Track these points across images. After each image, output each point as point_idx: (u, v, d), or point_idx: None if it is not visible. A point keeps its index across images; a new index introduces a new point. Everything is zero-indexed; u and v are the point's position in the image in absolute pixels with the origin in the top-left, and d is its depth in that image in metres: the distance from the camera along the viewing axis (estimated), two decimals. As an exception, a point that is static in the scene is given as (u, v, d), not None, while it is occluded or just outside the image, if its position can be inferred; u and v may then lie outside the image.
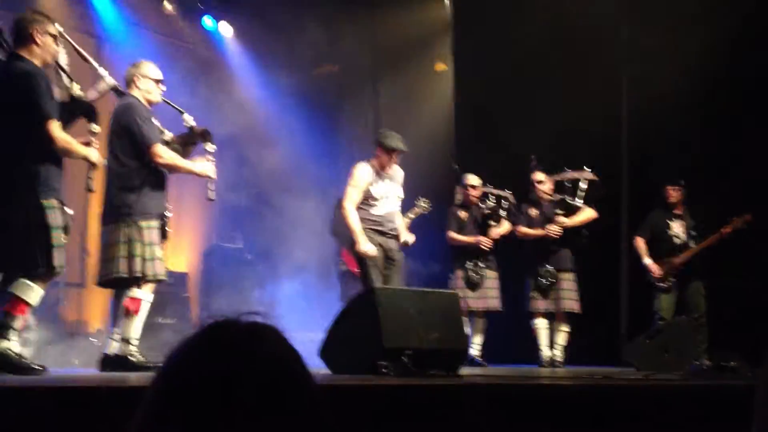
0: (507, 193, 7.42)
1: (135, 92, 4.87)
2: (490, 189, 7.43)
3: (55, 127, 4.07)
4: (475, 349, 7.12)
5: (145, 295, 4.75)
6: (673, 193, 7.12)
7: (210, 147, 5.04)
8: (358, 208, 6.02)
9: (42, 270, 4.03)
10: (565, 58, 7.90)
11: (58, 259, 4.06)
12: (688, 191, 7.14)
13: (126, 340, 4.68)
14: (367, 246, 5.87)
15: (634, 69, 7.94)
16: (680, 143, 7.55)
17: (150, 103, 4.92)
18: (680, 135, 7.57)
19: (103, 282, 4.79)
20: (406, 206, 7.07)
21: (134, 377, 4.16)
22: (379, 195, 6.06)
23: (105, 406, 2.32)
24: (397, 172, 6.23)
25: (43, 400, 2.46)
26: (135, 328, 4.72)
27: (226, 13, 9.13)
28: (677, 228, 7.09)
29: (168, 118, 5.18)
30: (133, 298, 4.70)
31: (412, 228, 6.79)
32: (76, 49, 4.53)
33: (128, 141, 4.67)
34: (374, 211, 6.04)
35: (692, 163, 7.36)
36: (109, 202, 4.76)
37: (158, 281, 4.82)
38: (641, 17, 7.88)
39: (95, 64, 4.72)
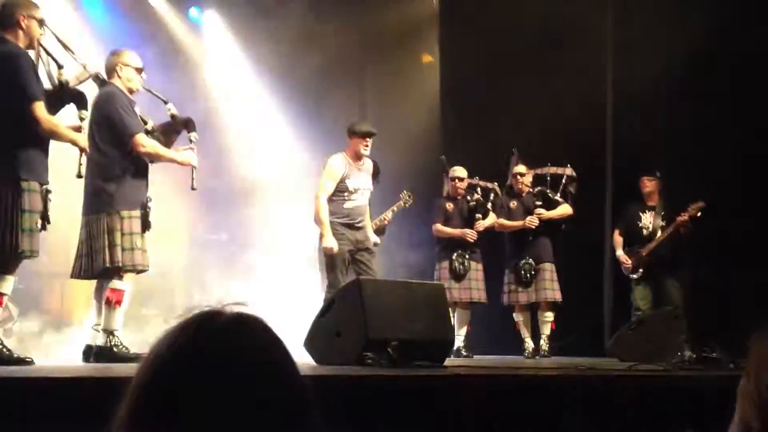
0: (494, 185, 7.46)
1: (116, 81, 4.82)
2: (477, 181, 7.46)
3: (41, 108, 4.04)
4: (459, 341, 7.14)
5: (125, 285, 4.71)
6: (648, 184, 7.22)
7: (193, 136, 5.02)
8: (330, 200, 6.02)
9: (7, 255, 3.96)
10: (551, 52, 7.91)
11: (28, 243, 4.00)
12: (664, 183, 7.21)
13: (109, 332, 4.65)
14: (331, 242, 5.88)
15: (620, 63, 7.96)
16: (666, 137, 7.60)
17: (131, 91, 4.88)
18: (666, 129, 7.61)
19: (82, 276, 4.74)
20: (390, 199, 7.08)
21: (119, 368, 4.14)
22: (353, 188, 6.07)
23: (91, 397, 2.32)
24: (367, 164, 6.25)
25: (30, 392, 2.45)
26: (117, 319, 4.69)
27: (211, 2, 9.08)
28: (647, 219, 7.19)
29: (151, 106, 5.15)
30: (114, 289, 4.66)
31: (397, 219, 6.81)
32: (56, 36, 4.49)
33: (109, 130, 4.63)
34: (347, 204, 6.06)
35: (677, 158, 7.41)
36: (89, 192, 4.72)
37: (139, 272, 4.79)
38: (627, 11, 7.90)
39: (75, 52, 4.67)
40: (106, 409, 0.98)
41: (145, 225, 4.73)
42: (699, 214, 6.85)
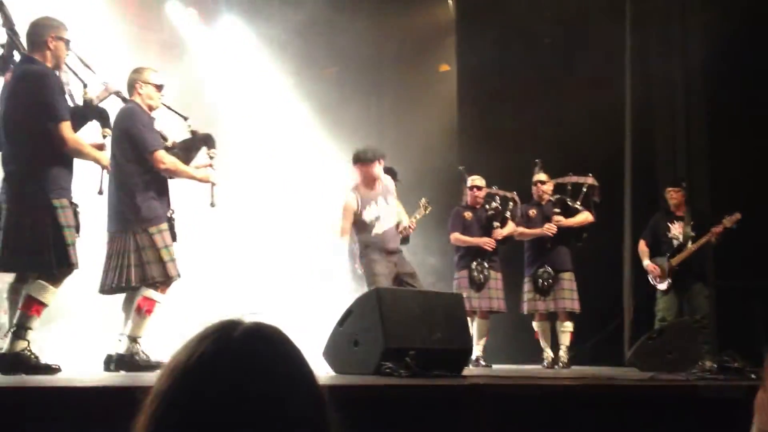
0: (512, 195, 7.44)
1: (136, 98, 4.88)
2: (496, 191, 7.44)
3: (67, 128, 4.12)
4: (478, 350, 7.12)
5: (160, 297, 4.77)
6: (675, 195, 7.17)
7: (212, 152, 5.06)
8: (360, 233, 6.16)
9: (56, 270, 4.07)
10: (570, 61, 7.91)
11: (73, 257, 4.11)
12: (690, 193, 7.16)
13: (133, 339, 4.70)
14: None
15: (638, 71, 7.94)
16: (685, 146, 7.57)
17: (151, 108, 4.94)
18: (685, 138, 7.58)
19: (111, 290, 4.78)
20: (406, 208, 7.08)
21: (140, 377, 4.17)
22: (369, 220, 6.12)
23: (112, 405, 2.33)
24: (387, 185, 6.29)
25: (55, 399, 2.47)
26: (145, 327, 4.75)
27: (231, 13, 9.13)
28: (676, 230, 7.14)
29: (171, 123, 5.19)
30: (147, 298, 4.72)
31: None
32: (77, 56, 4.54)
33: (129, 147, 4.67)
34: (374, 232, 6.13)
35: (696, 166, 7.38)
36: (113, 209, 4.77)
37: (169, 283, 4.85)
38: (644, 18, 7.89)
39: (95, 71, 4.72)
40: (126, 418, 0.99)
41: (173, 236, 4.80)
42: (734, 225, 6.77)
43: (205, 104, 7.71)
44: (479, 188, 7.35)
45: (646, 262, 7.19)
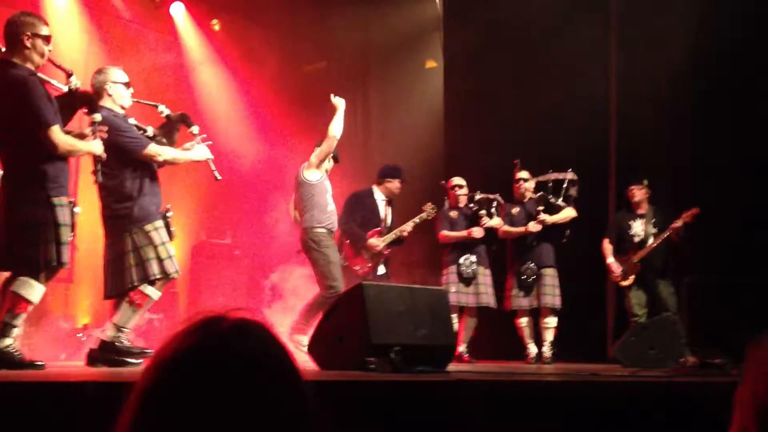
0: (495, 196, 7.45)
1: (107, 101, 4.79)
2: (479, 194, 7.45)
3: (56, 133, 4.07)
4: (462, 346, 7.14)
5: (155, 293, 4.76)
6: (637, 192, 7.26)
7: (194, 129, 5.04)
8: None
9: (48, 267, 4.06)
10: (555, 58, 7.92)
11: (65, 255, 4.10)
12: (653, 190, 7.24)
13: (119, 327, 4.68)
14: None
15: (623, 68, 7.97)
16: (668, 143, 7.61)
17: (122, 107, 4.89)
18: (669, 135, 7.62)
19: (114, 294, 4.77)
20: (409, 208, 7.11)
21: (127, 372, 4.16)
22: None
23: (95, 400, 2.33)
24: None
25: (38, 395, 2.46)
26: (133, 320, 4.74)
27: (216, 9, 9.11)
28: (638, 227, 7.22)
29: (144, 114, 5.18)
30: (141, 293, 4.71)
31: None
32: (54, 64, 4.44)
33: (115, 154, 4.58)
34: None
35: (680, 163, 7.42)
36: (107, 216, 4.75)
37: (172, 278, 4.85)
38: (629, 14, 7.92)
39: (69, 71, 4.65)
40: (110, 413, 0.99)
41: (169, 234, 4.79)
42: (692, 220, 6.88)
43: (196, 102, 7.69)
44: (460, 187, 7.40)
45: (609, 260, 7.27)
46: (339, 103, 6.33)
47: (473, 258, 7.17)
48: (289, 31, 9.01)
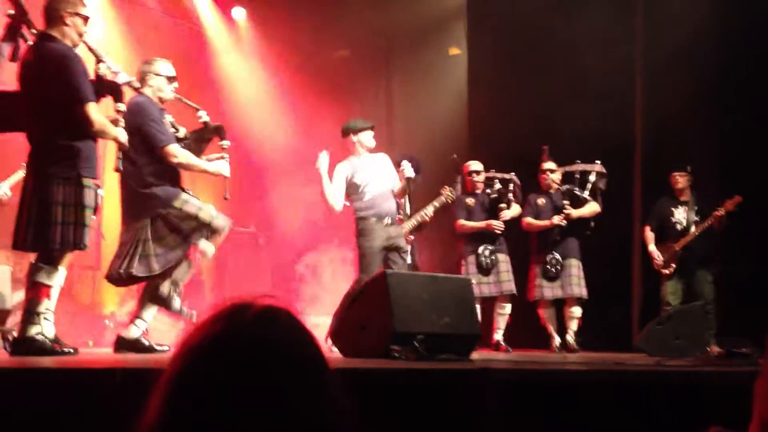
0: (511, 176, 7.34)
1: (147, 90, 4.87)
2: (494, 174, 7.37)
3: (93, 110, 4.11)
4: (499, 335, 7.10)
5: (209, 246, 4.84)
6: (680, 179, 7.18)
7: (224, 143, 5.06)
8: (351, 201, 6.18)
9: (67, 247, 4.07)
10: (579, 46, 7.85)
11: (86, 237, 4.12)
12: (695, 178, 7.16)
13: (143, 320, 4.76)
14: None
15: (649, 57, 7.89)
16: (694, 131, 7.53)
17: (162, 100, 4.93)
18: (695, 123, 7.54)
19: (126, 279, 4.80)
20: (428, 193, 7.06)
21: (155, 359, 4.21)
22: (361, 183, 6.14)
23: (128, 386, 2.36)
24: (380, 158, 6.34)
25: (70, 380, 2.50)
26: (152, 313, 4.80)
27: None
28: (680, 214, 7.15)
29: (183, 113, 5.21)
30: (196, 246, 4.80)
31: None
32: (88, 47, 4.52)
33: (140, 140, 4.65)
34: (365, 198, 6.13)
35: (706, 152, 7.35)
36: (127, 201, 4.79)
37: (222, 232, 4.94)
38: (657, 5, 7.83)
39: (110, 61, 4.71)
40: (139, 399, 1.01)
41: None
42: (736, 209, 6.79)
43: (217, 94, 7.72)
44: (477, 173, 7.29)
45: (651, 248, 7.22)
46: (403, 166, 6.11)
47: (492, 247, 7.10)
48: (312, 19, 9.00)
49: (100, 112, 4.22)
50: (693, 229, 7.02)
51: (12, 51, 4.17)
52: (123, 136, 4.32)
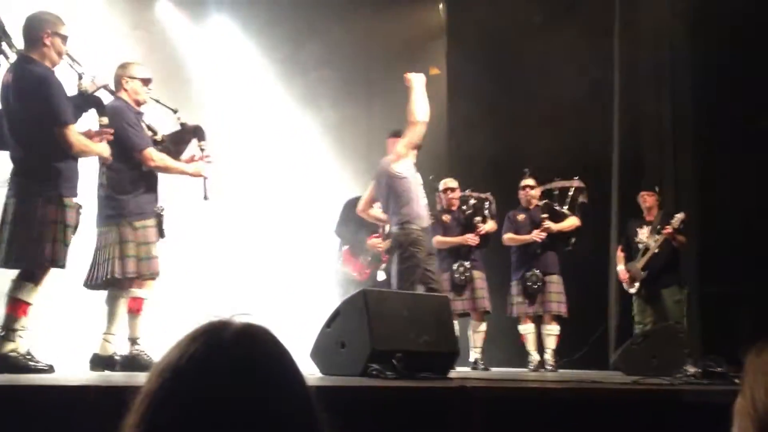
0: (486, 195, 7.36)
1: (123, 94, 4.87)
2: (470, 193, 7.39)
3: (73, 133, 4.13)
4: (476, 353, 7.09)
5: (144, 293, 4.78)
6: (648, 199, 7.30)
7: (203, 144, 5.06)
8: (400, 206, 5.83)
9: (49, 266, 4.06)
10: (559, 67, 7.94)
11: (65, 257, 4.11)
12: (663, 198, 7.26)
13: (133, 340, 4.72)
14: None
15: (627, 79, 7.99)
16: (671, 150, 7.63)
17: (138, 103, 4.93)
18: (672, 143, 7.64)
19: (94, 285, 4.77)
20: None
21: (131, 377, 4.17)
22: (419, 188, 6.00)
23: (104, 404, 2.34)
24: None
25: (45, 398, 2.47)
26: (139, 327, 4.76)
27: (220, 14, 9.12)
28: (644, 234, 7.24)
29: (160, 116, 5.19)
30: (134, 298, 4.73)
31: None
32: (69, 64, 4.49)
33: (116, 146, 4.62)
34: (422, 203, 5.93)
35: (683, 171, 7.45)
36: (102, 204, 4.77)
37: (153, 279, 4.83)
38: (635, 26, 7.94)
39: (82, 64, 4.69)
40: (115, 418, 1.00)
41: (160, 233, 4.79)
42: (681, 225, 6.91)
43: (193, 104, 7.70)
44: (452, 189, 7.30)
45: (620, 268, 7.34)
46: (414, 80, 5.70)
47: (467, 264, 7.09)
48: (290, 38, 9.02)
49: (84, 125, 4.22)
50: (651, 247, 7.12)
51: None
52: (106, 151, 4.32)
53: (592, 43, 7.87)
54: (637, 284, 7.16)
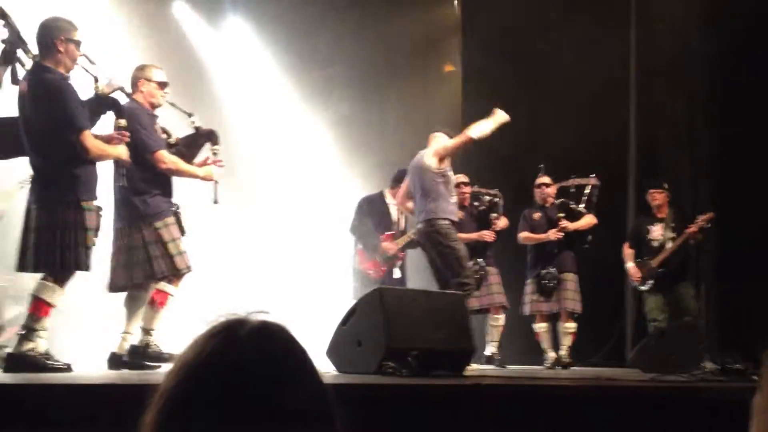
0: (495, 191, 7.32)
1: (138, 96, 4.89)
2: (478, 189, 7.35)
3: (89, 138, 4.17)
4: (492, 348, 7.07)
5: (172, 290, 4.81)
6: (657, 196, 7.22)
7: (216, 149, 5.07)
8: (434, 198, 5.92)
9: (71, 270, 4.12)
10: (574, 64, 7.90)
11: (90, 259, 4.17)
12: (672, 195, 7.20)
13: (147, 331, 4.74)
14: None
15: (644, 78, 7.94)
16: (689, 148, 7.58)
17: (153, 106, 4.95)
18: (688, 139, 7.60)
19: (118, 288, 4.80)
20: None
21: (150, 375, 4.21)
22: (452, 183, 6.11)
23: (122, 402, 2.35)
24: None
25: (64, 397, 2.49)
26: (158, 320, 4.78)
27: (235, 14, 9.15)
28: (657, 231, 7.18)
29: (175, 119, 5.21)
30: (160, 291, 4.77)
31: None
32: (84, 68, 4.54)
33: (131, 146, 4.67)
34: (452, 200, 6.02)
35: (699, 167, 7.40)
36: (119, 206, 4.80)
37: (183, 275, 4.87)
38: (650, 24, 7.89)
39: (101, 67, 4.72)
40: (133, 416, 1.01)
41: (181, 230, 4.83)
42: (708, 224, 6.84)
43: (208, 106, 7.73)
44: (465, 184, 7.26)
45: (628, 265, 7.25)
46: (498, 114, 5.95)
47: (482, 262, 7.09)
48: (304, 36, 9.03)
49: (102, 129, 4.25)
50: (669, 245, 7.05)
51: (11, 75, 4.21)
52: (124, 154, 4.36)
53: (607, 39, 7.82)
54: (650, 282, 7.10)
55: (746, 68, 7.12)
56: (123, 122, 4.42)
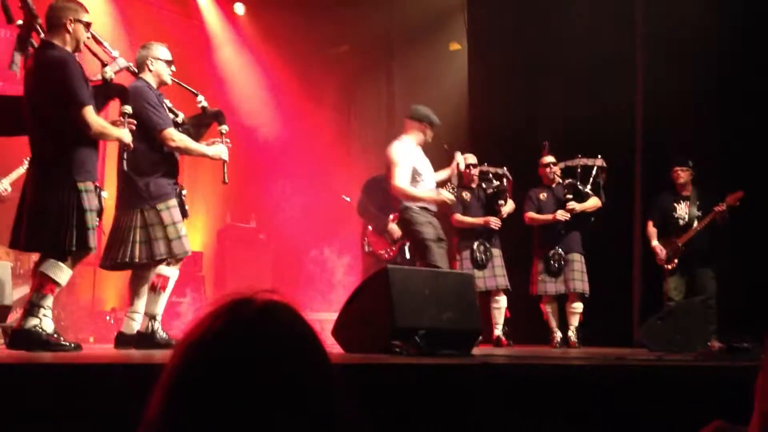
0: (504, 170, 7.28)
1: (146, 75, 4.89)
2: (487, 168, 7.31)
3: (90, 113, 4.14)
4: (498, 329, 7.08)
5: (171, 272, 4.83)
6: (682, 174, 7.12)
7: (223, 128, 5.06)
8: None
9: (73, 251, 4.10)
10: (580, 41, 7.84)
11: (92, 240, 4.15)
12: (697, 172, 7.12)
13: (152, 316, 4.76)
14: (444, 194, 5.85)
15: (650, 52, 7.87)
16: (695, 125, 7.52)
17: (161, 85, 4.94)
18: (696, 117, 7.54)
19: (115, 265, 4.80)
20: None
21: (156, 354, 4.22)
22: (422, 170, 5.93)
23: (129, 381, 2.36)
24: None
25: (71, 376, 2.50)
26: (160, 304, 4.80)
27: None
28: (682, 210, 7.10)
29: (182, 99, 5.20)
30: (160, 275, 4.79)
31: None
32: (91, 51, 4.55)
33: (137, 126, 4.66)
34: (420, 187, 5.91)
35: (707, 146, 7.34)
36: (122, 186, 4.80)
37: (186, 256, 4.88)
38: (658, 1, 7.82)
39: (108, 47, 4.72)
40: (140, 394, 1.01)
41: (183, 213, 4.83)
42: (738, 203, 6.76)
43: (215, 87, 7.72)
44: (474, 165, 7.22)
45: (654, 243, 7.16)
46: (457, 159, 6.08)
47: (487, 243, 7.06)
48: (313, 15, 8.99)
49: (110, 115, 4.23)
50: (695, 224, 6.98)
51: (24, 60, 4.23)
52: (127, 137, 4.35)
53: (613, 15, 7.75)
54: (675, 261, 7.02)
55: (755, 42, 7.04)
56: (128, 108, 4.41)
